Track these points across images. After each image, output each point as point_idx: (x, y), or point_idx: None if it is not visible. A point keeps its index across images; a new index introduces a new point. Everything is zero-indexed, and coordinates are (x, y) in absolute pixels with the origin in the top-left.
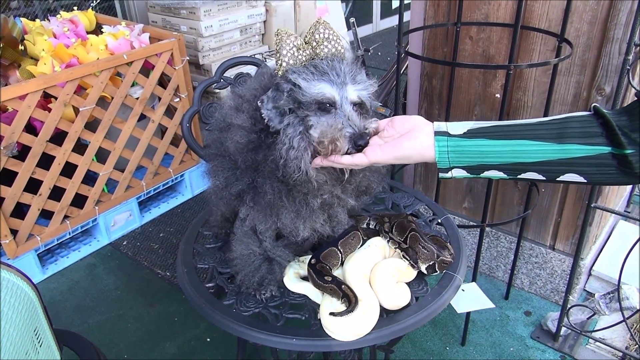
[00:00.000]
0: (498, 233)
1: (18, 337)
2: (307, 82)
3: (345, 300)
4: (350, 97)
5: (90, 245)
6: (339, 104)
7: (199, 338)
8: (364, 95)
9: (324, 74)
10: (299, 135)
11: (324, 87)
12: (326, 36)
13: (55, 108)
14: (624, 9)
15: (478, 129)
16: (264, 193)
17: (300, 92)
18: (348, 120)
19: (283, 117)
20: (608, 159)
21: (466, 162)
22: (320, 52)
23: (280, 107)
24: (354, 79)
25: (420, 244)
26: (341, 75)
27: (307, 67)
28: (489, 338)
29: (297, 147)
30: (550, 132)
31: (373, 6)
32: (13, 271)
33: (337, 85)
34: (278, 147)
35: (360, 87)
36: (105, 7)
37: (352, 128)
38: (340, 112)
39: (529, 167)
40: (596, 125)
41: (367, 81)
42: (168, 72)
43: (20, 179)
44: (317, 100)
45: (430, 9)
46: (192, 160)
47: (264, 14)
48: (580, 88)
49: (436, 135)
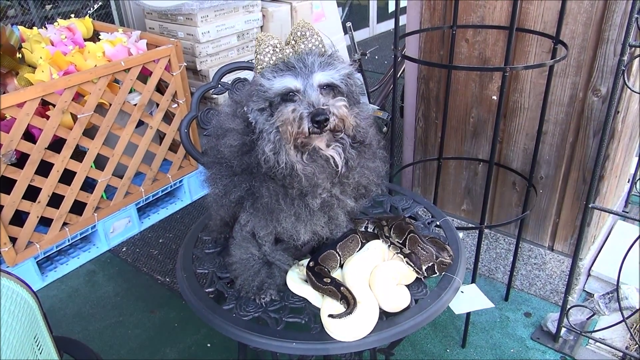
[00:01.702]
0: (497, 235)
1: (18, 344)
2: (270, 80)
3: (344, 302)
4: (316, 82)
5: (89, 252)
6: (302, 91)
7: (199, 343)
8: (335, 77)
9: (290, 68)
10: (274, 130)
11: (287, 80)
12: (303, 34)
13: (54, 115)
14: (618, 11)
15: None
16: (260, 197)
17: (266, 90)
18: (307, 103)
19: (262, 112)
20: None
21: None
22: (298, 50)
23: (260, 108)
24: (324, 66)
25: (419, 245)
26: (309, 66)
27: (277, 65)
28: (489, 340)
29: (274, 140)
30: None
31: (369, 10)
32: (12, 278)
33: (302, 76)
34: (259, 145)
35: (331, 72)
36: (102, 14)
37: (309, 107)
38: (302, 98)
39: None
40: None
41: (339, 63)
42: (166, 78)
43: (19, 186)
44: (280, 94)
45: (426, 13)
46: (191, 166)
47: (260, 19)
48: (576, 89)
49: None
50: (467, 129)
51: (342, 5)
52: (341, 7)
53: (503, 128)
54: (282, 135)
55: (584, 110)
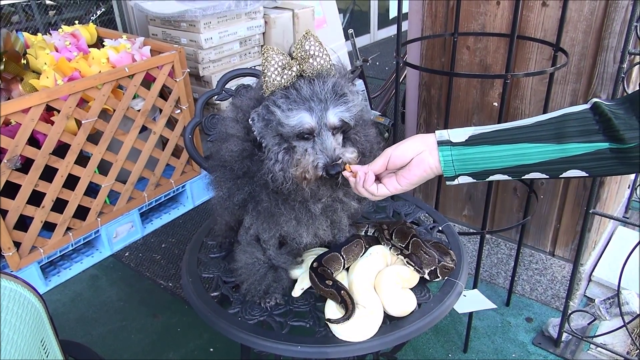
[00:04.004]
0: (498, 240)
1: (26, 347)
2: (286, 114)
3: (343, 306)
4: (330, 122)
5: (92, 256)
6: (317, 132)
7: (202, 348)
8: (345, 116)
9: (304, 101)
10: (282, 150)
11: (303, 117)
12: (312, 52)
13: (58, 121)
14: (617, 19)
15: (479, 135)
16: (260, 201)
17: (282, 125)
18: (322, 151)
19: (272, 134)
20: (607, 153)
21: (471, 169)
22: (306, 69)
23: (270, 126)
24: (337, 99)
25: (422, 249)
26: (322, 99)
27: (289, 91)
28: (490, 345)
29: (281, 160)
30: (549, 132)
31: (370, 17)
32: (19, 282)
33: (317, 113)
34: (265, 163)
35: (342, 109)
36: (106, 20)
37: (325, 159)
38: (317, 141)
39: (531, 167)
40: (594, 122)
41: (351, 101)
42: (169, 84)
43: (23, 191)
44: (296, 133)
45: (428, 20)
46: (193, 171)
47: (263, 26)
48: (577, 96)
49: (439, 145)
50: None
51: (343, 12)
52: (342, 13)
53: None
54: (293, 173)
55: None
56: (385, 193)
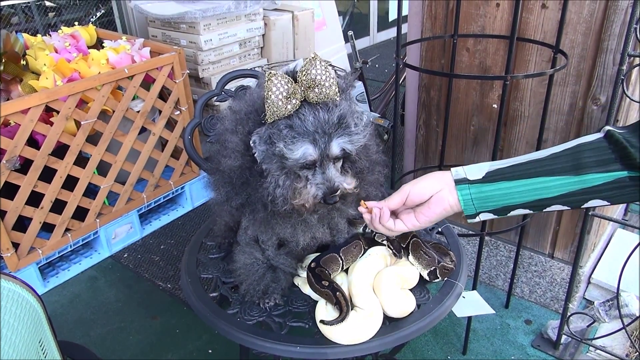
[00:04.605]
0: (497, 242)
1: (24, 348)
2: (290, 148)
3: (337, 308)
4: (332, 153)
5: (91, 258)
6: (319, 163)
7: (200, 350)
8: (348, 148)
9: (308, 133)
10: (284, 174)
11: (307, 150)
12: (318, 80)
13: (57, 122)
14: (617, 21)
15: (496, 172)
16: (257, 210)
17: (285, 157)
18: (323, 182)
19: (273, 160)
20: (626, 181)
21: (491, 206)
22: (311, 97)
23: (272, 152)
24: (341, 130)
25: (421, 250)
26: (327, 131)
27: (293, 121)
28: (490, 347)
29: (283, 185)
30: (566, 164)
31: (370, 19)
32: (18, 282)
33: (320, 145)
34: (265, 186)
35: (345, 140)
36: (105, 22)
37: (324, 189)
38: (318, 171)
39: (552, 201)
40: (610, 151)
41: (355, 133)
42: (168, 86)
43: (22, 192)
44: (299, 165)
45: (428, 22)
46: (193, 173)
47: (262, 28)
48: (576, 98)
49: (457, 184)
50: (467, 137)
51: (343, 14)
52: (342, 15)
53: (503, 136)
54: (292, 198)
55: (583, 118)
56: (402, 229)
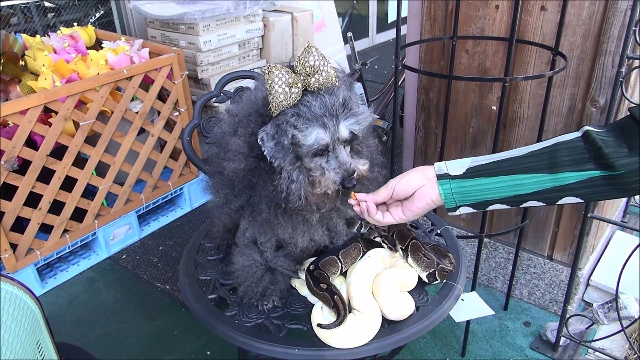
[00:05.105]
0: (496, 244)
1: (21, 349)
2: (303, 133)
3: (335, 311)
4: (342, 135)
5: (89, 259)
6: (332, 147)
7: (199, 351)
8: (356, 129)
9: (317, 117)
10: (297, 169)
11: (319, 134)
12: (316, 66)
13: (56, 122)
14: (616, 23)
15: (476, 168)
16: (259, 211)
17: (299, 145)
18: (339, 166)
19: (285, 154)
20: (599, 180)
21: (471, 200)
22: (312, 84)
23: (282, 146)
24: (347, 112)
25: (420, 252)
26: (334, 113)
27: (299, 109)
28: (488, 349)
29: (297, 179)
30: (542, 162)
31: (369, 20)
32: (15, 284)
33: (330, 128)
34: (278, 182)
35: (353, 122)
36: (105, 22)
37: (342, 173)
38: (332, 156)
39: (528, 197)
40: (584, 151)
41: (360, 113)
42: (167, 87)
43: (20, 193)
44: (313, 151)
45: (427, 24)
46: (191, 174)
47: (261, 29)
48: (575, 100)
49: (439, 179)
50: (466, 138)
51: (342, 15)
52: (341, 17)
53: (502, 138)
54: (315, 191)
55: (582, 120)
56: (391, 221)
